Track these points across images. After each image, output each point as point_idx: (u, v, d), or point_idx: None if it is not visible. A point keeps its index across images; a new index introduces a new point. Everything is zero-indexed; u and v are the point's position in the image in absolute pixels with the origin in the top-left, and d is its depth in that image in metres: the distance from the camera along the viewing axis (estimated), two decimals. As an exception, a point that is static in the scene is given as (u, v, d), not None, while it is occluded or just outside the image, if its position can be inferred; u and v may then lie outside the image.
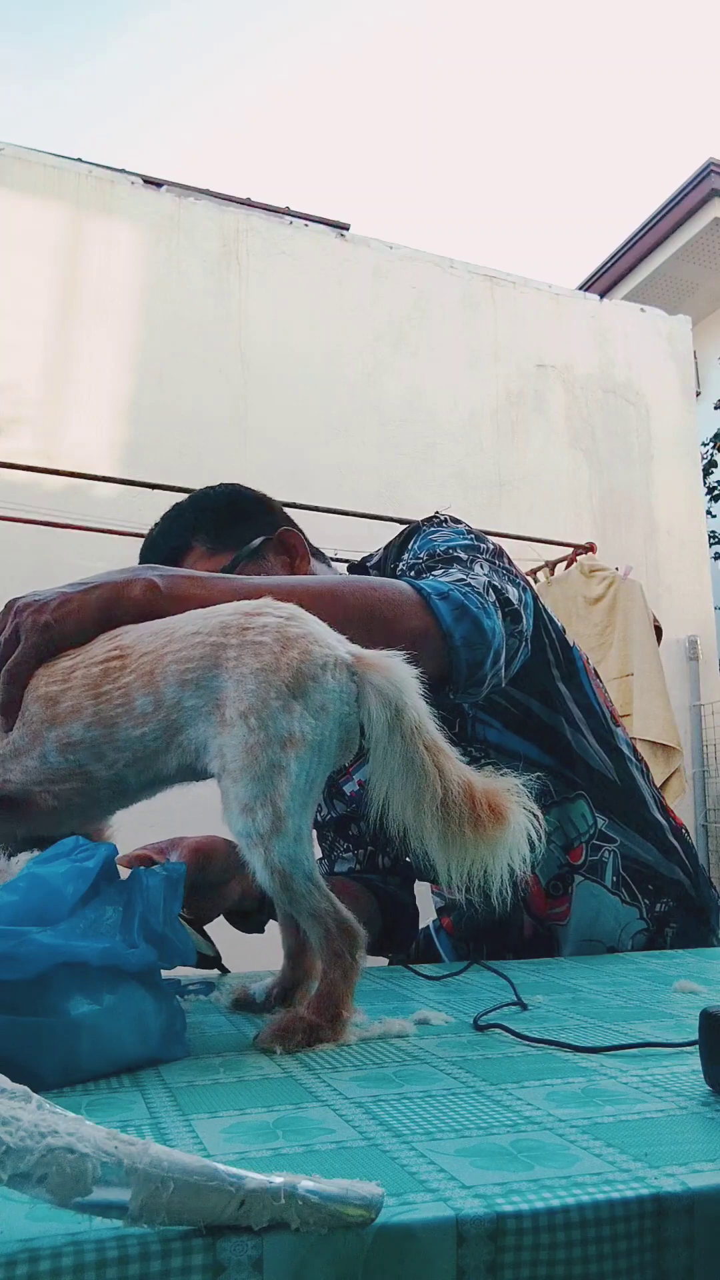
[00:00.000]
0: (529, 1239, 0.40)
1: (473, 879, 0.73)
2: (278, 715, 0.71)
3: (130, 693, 0.78)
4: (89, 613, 0.86)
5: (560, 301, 5.39)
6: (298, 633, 0.75)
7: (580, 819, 1.26)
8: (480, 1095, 0.57)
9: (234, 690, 0.73)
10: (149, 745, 0.78)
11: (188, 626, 0.79)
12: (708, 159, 8.34)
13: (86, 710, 0.80)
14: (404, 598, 0.99)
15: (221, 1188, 0.37)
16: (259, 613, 0.77)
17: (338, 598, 0.94)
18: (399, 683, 0.74)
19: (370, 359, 4.80)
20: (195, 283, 4.49)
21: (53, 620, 0.86)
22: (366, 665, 0.75)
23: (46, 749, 0.82)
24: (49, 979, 0.59)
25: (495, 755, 1.25)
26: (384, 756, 0.73)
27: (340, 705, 0.73)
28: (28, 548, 3.70)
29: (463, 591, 1.02)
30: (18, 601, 0.89)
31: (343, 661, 0.74)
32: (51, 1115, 0.38)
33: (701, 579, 5.44)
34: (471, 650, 1.00)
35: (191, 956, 0.71)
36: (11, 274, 4.15)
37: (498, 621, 1.04)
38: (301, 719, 0.72)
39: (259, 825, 0.71)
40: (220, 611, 0.79)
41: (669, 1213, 0.42)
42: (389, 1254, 0.38)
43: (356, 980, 0.72)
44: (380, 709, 0.73)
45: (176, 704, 0.76)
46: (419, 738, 0.73)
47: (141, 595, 0.88)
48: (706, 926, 1.32)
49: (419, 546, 1.20)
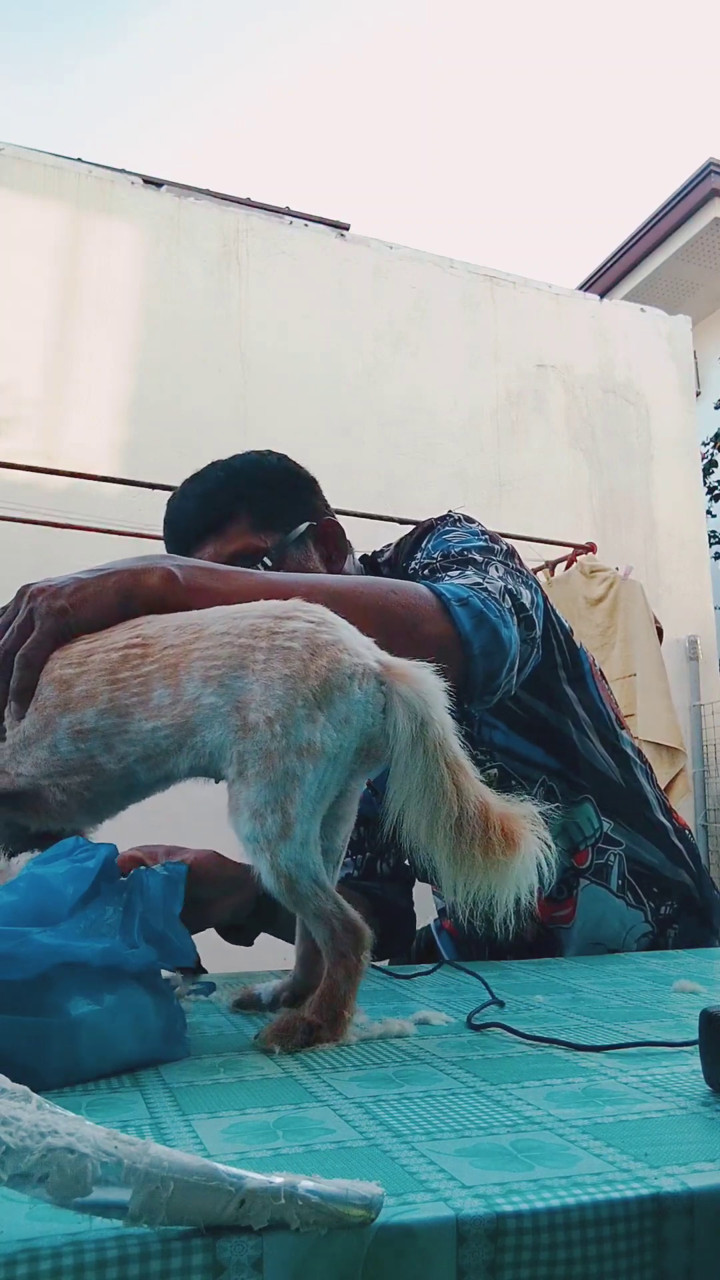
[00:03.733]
0: (529, 1239, 0.40)
1: (478, 903, 0.72)
2: (301, 723, 0.70)
3: (149, 682, 0.77)
4: (106, 599, 0.84)
5: (560, 301, 5.39)
6: (327, 640, 0.73)
7: (586, 822, 1.26)
8: (480, 1095, 0.57)
9: (260, 694, 0.72)
10: (160, 743, 0.76)
11: (216, 625, 0.77)
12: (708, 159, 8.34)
13: (101, 696, 0.78)
14: (423, 602, 0.97)
15: (221, 1188, 0.37)
16: (289, 616, 0.75)
17: (356, 600, 0.92)
18: (427, 695, 0.73)
19: (370, 359, 4.79)
20: (195, 283, 4.49)
21: (69, 605, 0.84)
22: (395, 675, 0.73)
23: (58, 736, 0.80)
24: (49, 979, 0.59)
25: (502, 757, 1.24)
26: (405, 770, 0.71)
27: (364, 717, 0.72)
28: (28, 548, 3.70)
29: (481, 598, 1.01)
30: (31, 586, 0.87)
31: (371, 671, 0.73)
32: (51, 1115, 0.38)
33: (701, 579, 5.44)
34: (489, 660, 0.99)
35: (192, 956, 0.71)
36: (11, 274, 4.15)
37: (514, 630, 1.03)
38: (324, 729, 0.71)
39: (267, 830, 0.70)
40: (250, 612, 0.77)
41: (669, 1213, 0.42)
42: (389, 1254, 0.38)
43: (360, 981, 0.72)
44: (406, 721, 0.71)
45: (195, 701, 0.74)
46: (442, 754, 0.71)
47: (159, 585, 0.86)
48: (708, 927, 1.31)
49: (433, 546, 1.18)
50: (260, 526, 1.19)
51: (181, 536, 1.21)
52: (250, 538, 1.18)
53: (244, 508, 1.19)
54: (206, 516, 1.20)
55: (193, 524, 1.20)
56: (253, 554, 1.16)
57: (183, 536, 1.20)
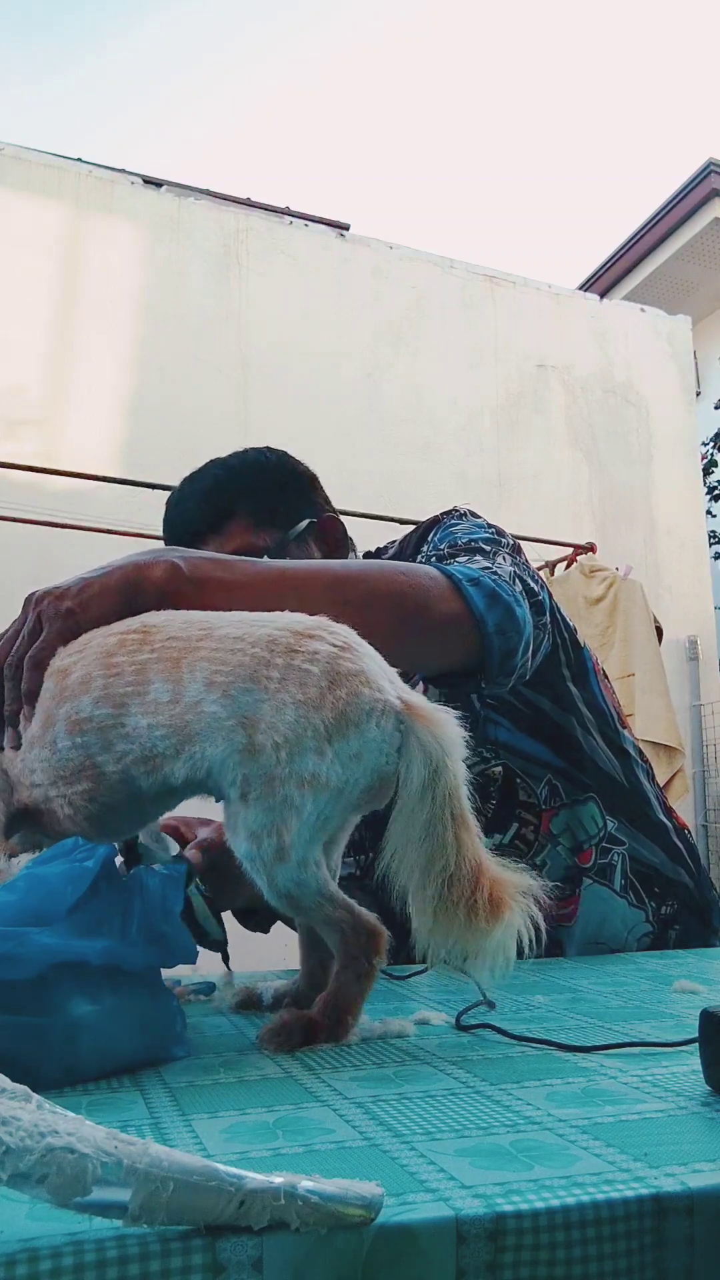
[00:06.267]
0: (529, 1239, 0.40)
1: (451, 958, 0.70)
2: (308, 754, 0.68)
3: (146, 672, 0.74)
4: (111, 595, 0.84)
5: (560, 301, 5.39)
6: (349, 670, 0.70)
7: (590, 821, 1.25)
8: (480, 1095, 0.57)
9: (270, 716, 0.69)
10: (157, 744, 0.73)
11: (230, 628, 0.74)
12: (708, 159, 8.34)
13: (96, 683, 0.76)
14: (434, 583, 0.96)
15: (221, 1188, 0.37)
16: (312, 634, 0.72)
17: (367, 582, 0.91)
18: (445, 741, 0.70)
19: (370, 359, 4.79)
20: (195, 283, 4.49)
21: (75, 606, 0.83)
22: (416, 715, 0.70)
23: (57, 731, 0.78)
24: (49, 979, 0.59)
25: (506, 755, 1.24)
26: (410, 815, 0.69)
27: (378, 756, 0.69)
28: (28, 548, 3.70)
29: (492, 579, 0.99)
30: (37, 592, 0.87)
31: (391, 708, 0.70)
32: (51, 1115, 0.38)
33: (701, 579, 5.44)
34: (505, 638, 0.97)
35: (193, 956, 0.71)
36: (12, 274, 4.15)
37: (527, 610, 1.02)
38: (331, 764, 0.68)
39: (264, 852, 0.69)
40: (270, 622, 0.74)
41: (669, 1213, 0.42)
42: (389, 1254, 0.38)
43: (370, 986, 0.71)
44: (421, 766, 0.69)
45: (196, 705, 0.71)
46: (450, 804, 0.69)
47: (163, 577, 0.85)
48: (708, 928, 1.31)
49: (439, 538, 1.17)
50: (260, 524, 1.19)
51: (181, 536, 1.21)
52: (250, 535, 1.18)
53: (243, 505, 1.19)
54: (206, 515, 1.20)
55: (192, 523, 1.20)
56: (253, 552, 1.16)
57: (182, 536, 1.20)
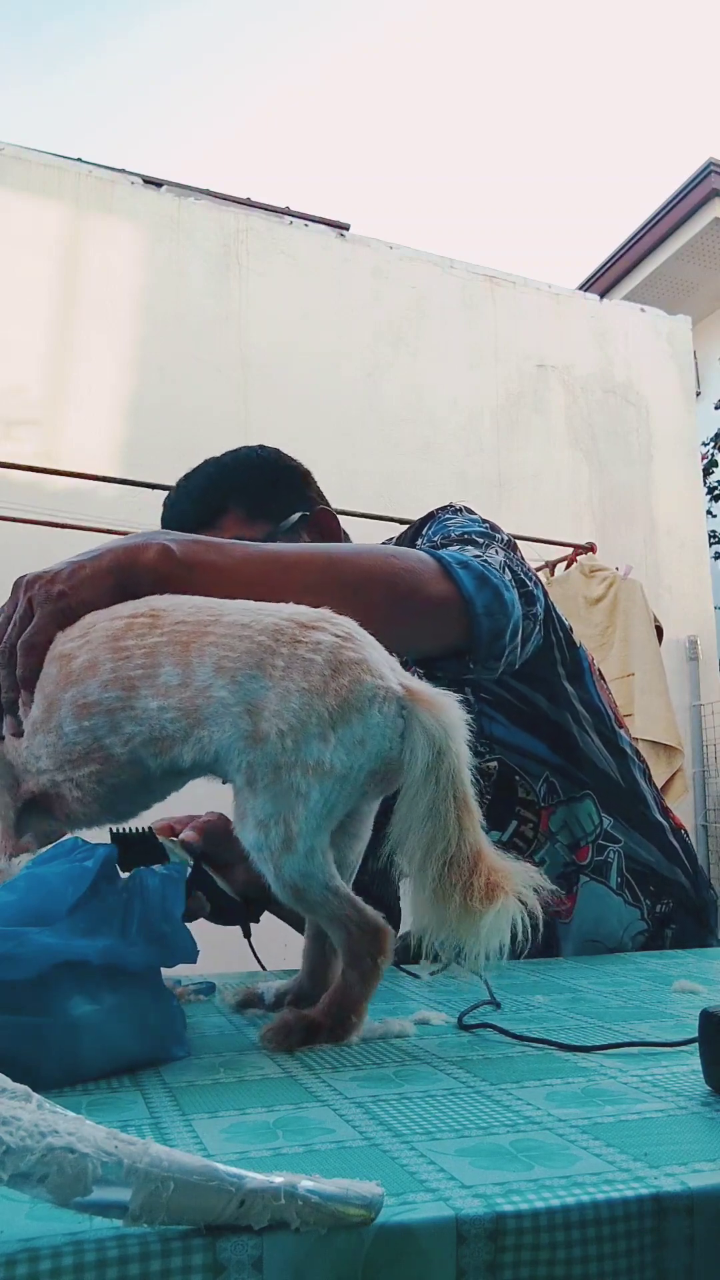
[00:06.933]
0: (529, 1239, 0.40)
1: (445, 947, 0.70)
2: (313, 741, 0.69)
3: (156, 655, 0.74)
4: (102, 578, 0.83)
5: (560, 301, 5.39)
6: (351, 658, 0.71)
7: (587, 818, 1.26)
8: (480, 1095, 0.57)
9: (275, 704, 0.70)
10: (167, 727, 0.74)
11: (236, 615, 0.75)
12: (708, 159, 8.33)
13: (104, 666, 0.76)
14: (424, 566, 0.97)
15: (221, 1188, 0.37)
16: (315, 626, 0.73)
17: (359, 564, 0.92)
18: (448, 725, 0.71)
19: (370, 359, 4.79)
20: (195, 283, 4.49)
21: (67, 589, 0.83)
22: (418, 700, 0.71)
23: (63, 715, 0.78)
24: (49, 979, 0.59)
25: (503, 751, 1.25)
26: (413, 798, 0.70)
27: (381, 741, 0.70)
28: (28, 548, 3.69)
29: (482, 564, 1.01)
30: (26, 576, 0.87)
31: (393, 694, 0.71)
32: (51, 1115, 0.38)
33: (701, 579, 5.44)
34: (493, 619, 0.99)
35: (193, 956, 0.71)
36: (12, 274, 4.15)
37: (516, 596, 1.04)
38: (335, 750, 0.69)
39: (271, 842, 0.69)
40: (275, 612, 0.75)
41: (669, 1213, 0.42)
42: (389, 1254, 0.38)
43: (375, 986, 0.71)
44: (424, 749, 0.70)
45: (205, 689, 0.72)
46: (453, 786, 0.70)
47: (155, 559, 0.85)
48: (705, 928, 1.31)
49: (433, 531, 1.19)
50: (252, 518, 1.21)
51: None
52: (243, 529, 1.19)
53: (236, 501, 1.21)
54: (200, 512, 1.21)
55: (186, 520, 1.22)
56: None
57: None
